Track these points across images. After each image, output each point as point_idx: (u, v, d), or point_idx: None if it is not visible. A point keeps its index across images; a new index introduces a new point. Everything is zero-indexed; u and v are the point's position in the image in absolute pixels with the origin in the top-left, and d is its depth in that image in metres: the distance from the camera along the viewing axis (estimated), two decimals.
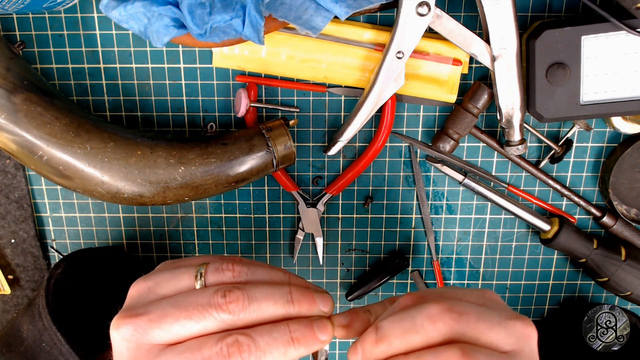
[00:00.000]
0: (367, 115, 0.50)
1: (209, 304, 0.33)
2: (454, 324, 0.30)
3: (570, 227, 0.55)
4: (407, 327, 0.31)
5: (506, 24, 0.46)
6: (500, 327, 0.31)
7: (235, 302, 0.33)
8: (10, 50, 0.45)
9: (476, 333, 0.31)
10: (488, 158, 0.55)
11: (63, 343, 0.43)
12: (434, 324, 0.30)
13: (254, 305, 0.33)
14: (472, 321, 0.31)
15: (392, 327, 0.32)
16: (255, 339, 0.32)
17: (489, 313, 0.32)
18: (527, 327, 0.32)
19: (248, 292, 0.33)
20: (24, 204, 0.56)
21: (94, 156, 0.46)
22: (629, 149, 0.52)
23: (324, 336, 0.34)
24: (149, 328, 0.32)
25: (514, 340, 0.31)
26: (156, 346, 0.33)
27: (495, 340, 0.31)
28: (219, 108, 0.54)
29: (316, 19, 0.45)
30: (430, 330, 0.30)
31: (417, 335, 0.31)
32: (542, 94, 0.47)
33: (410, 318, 0.31)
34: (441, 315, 0.31)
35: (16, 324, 0.47)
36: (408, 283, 0.60)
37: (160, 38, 0.43)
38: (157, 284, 0.35)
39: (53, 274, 0.48)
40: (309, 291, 0.35)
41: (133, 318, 0.33)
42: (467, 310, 0.31)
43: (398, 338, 0.31)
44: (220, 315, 0.33)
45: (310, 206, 0.56)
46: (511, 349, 0.31)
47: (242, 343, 0.32)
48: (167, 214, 0.58)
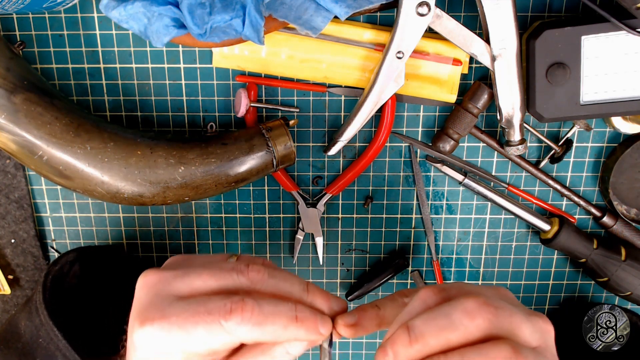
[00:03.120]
0: (367, 115, 0.50)
1: (232, 268, 0.35)
2: (493, 318, 0.29)
3: (570, 227, 0.55)
4: (443, 324, 0.30)
5: (506, 24, 0.46)
6: (528, 322, 0.31)
7: (256, 272, 0.35)
8: (10, 50, 0.45)
9: (512, 327, 0.30)
10: (488, 158, 0.55)
11: (60, 338, 0.43)
12: (473, 319, 0.29)
13: (273, 280, 0.35)
14: (507, 316, 0.30)
15: (427, 326, 0.30)
16: (262, 304, 0.33)
17: (515, 308, 0.31)
18: (547, 324, 0.32)
19: (270, 271, 0.36)
20: (24, 204, 0.56)
21: (94, 156, 0.46)
22: (629, 149, 0.52)
23: (324, 329, 0.34)
24: (172, 279, 0.35)
25: (539, 335, 0.31)
26: (173, 296, 0.34)
27: (526, 335, 0.30)
28: (219, 108, 0.54)
29: (316, 19, 0.45)
30: (469, 326, 0.29)
31: (455, 332, 0.29)
32: (542, 94, 0.47)
33: (445, 314, 0.30)
34: (478, 310, 0.29)
35: (14, 320, 0.47)
36: (408, 283, 0.60)
37: (160, 38, 0.43)
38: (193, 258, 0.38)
39: (51, 270, 0.48)
40: (325, 291, 0.37)
41: (161, 271, 0.36)
42: (502, 305, 0.30)
43: (434, 337, 0.30)
44: (240, 278, 0.35)
45: (310, 206, 0.56)
46: (538, 344, 0.31)
47: (246, 303, 0.32)
48: (167, 214, 0.58)
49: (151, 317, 0.33)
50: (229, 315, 0.32)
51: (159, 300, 0.34)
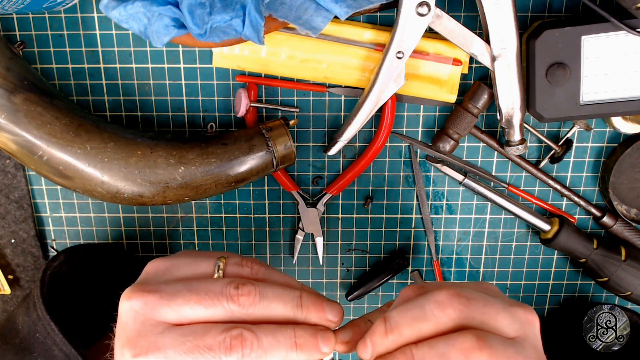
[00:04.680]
0: (367, 115, 0.50)
1: (221, 292, 0.33)
2: (464, 309, 0.30)
3: (570, 227, 0.55)
4: (417, 315, 0.31)
5: (506, 24, 0.46)
6: (505, 312, 0.31)
7: (247, 295, 0.33)
8: (10, 50, 0.45)
9: (485, 318, 0.31)
10: (488, 158, 0.55)
11: (56, 332, 0.42)
12: (444, 310, 0.30)
13: (264, 302, 0.34)
14: (480, 306, 0.31)
15: (401, 317, 0.31)
16: (260, 336, 0.32)
17: (493, 299, 0.32)
18: (529, 314, 0.32)
19: (260, 289, 0.34)
20: (24, 204, 0.56)
21: (94, 156, 0.46)
22: (629, 149, 0.52)
23: (326, 348, 0.34)
24: (158, 305, 0.33)
25: (518, 325, 0.31)
26: (162, 323, 0.33)
27: (502, 325, 0.31)
28: (219, 108, 0.54)
29: (316, 19, 0.45)
30: (440, 317, 0.30)
31: (427, 323, 0.31)
32: (542, 94, 0.47)
33: (419, 306, 0.31)
34: (449, 300, 0.30)
35: (12, 317, 0.47)
36: (408, 283, 0.60)
37: (160, 38, 0.43)
38: (175, 266, 0.36)
39: (49, 266, 0.48)
40: (319, 300, 0.36)
41: (145, 293, 0.33)
42: (475, 296, 0.31)
43: (408, 327, 0.31)
44: (230, 306, 0.33)
45: (310, 206, 0.56)
46: (517, 334, 0.31)
47: (246, 338, 0.32)
48: (167, 214, 0.58)
49: (144, 348, 0.32)
50: (230, 352, 0.31)
51: (148, 329, 0.33)
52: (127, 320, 0.33)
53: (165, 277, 0.35)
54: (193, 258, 0.37)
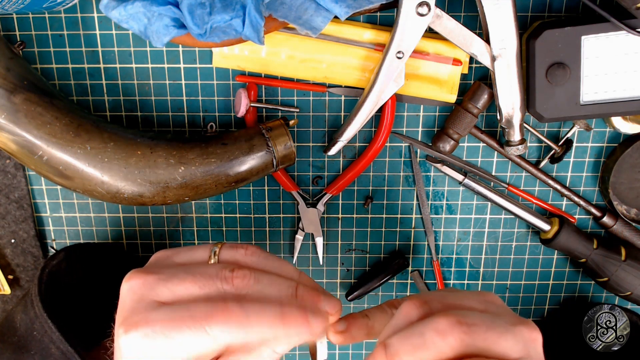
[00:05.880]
0: (367, 115, 0.50)
1: (216, 274, 0.34)
2: (465, 337, 0.30)
3: (570, 227, 0.55)
4: (417, 343, 0.30)
5: (506, 24, 0.46)
6: (508, 334, 0.31)
7: (241, 278, 0.34)
8: (10, 50, 0.45)
9: (487, 344, 0.30)
10: (488, 158, 0.55)
11: (54, 330, 0.42)
12: (444, 338, 0.30)
13: (258, 286, 0.34)
14: (482, 332, 0.30)
15: (401, 344, 0.31)
16: (245, 306, 0.33)
17: (496, 321, 0.31)
18: (532, 332, 0.32)
19: (255, 274, 0.34)
20: (24, 204, 0.56)
21: (94, 156, 0.46)
22: (629, 149, 0.52)
23: (316, 324, 0.34)
24: (155, 284, 0.34)
25: (522, 346, 0.31)
26: (156, 302, 0.34)
27: (505, 348, 0.30)
28: (219, 108, 0.54)
29: (316, 19, 0.45)
30: (441, 346, 0.30)
31: (427, 352, 0.30)
32: (542, 94, 0.48)
33: (419, 334, 0.31)
34: (451, 329, 0.30)
35: (10, 314, 0.47)
36: (408, 283, 0.60)
37: (160, 38, 0.43)
38: (176, 254, 0.37)
39: (48, 264, 0.48)
40: (315, 291, 0.36)
41: (144, 274, 0.35)
42: (476, 320, 0.31)
43: (408, 355, 0.30)
44: (224, 286, 0.34)
45: (310, 206, 0.56)
46: (520, 355, 0.31)
47: (230, 307, 0.32)
48: (167, 214, 0.58)
49: (135, 323, 0.33)
50: (212, 319, 0.32)
51: (142, 306, 0.33)
52: (125, 299, 0.35)
53: (166, 262, 0.37)
54: (192, 247, 0.38)
